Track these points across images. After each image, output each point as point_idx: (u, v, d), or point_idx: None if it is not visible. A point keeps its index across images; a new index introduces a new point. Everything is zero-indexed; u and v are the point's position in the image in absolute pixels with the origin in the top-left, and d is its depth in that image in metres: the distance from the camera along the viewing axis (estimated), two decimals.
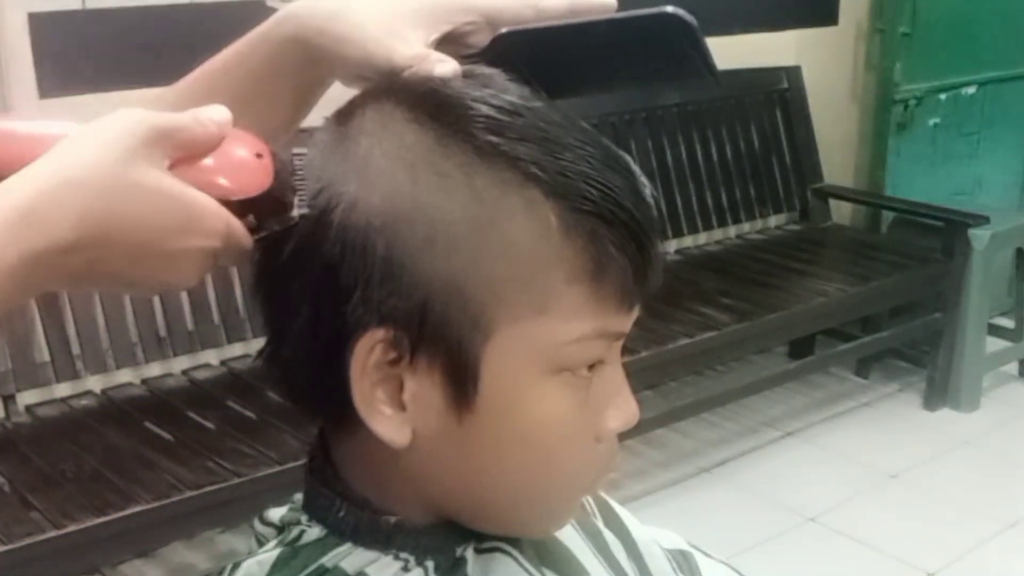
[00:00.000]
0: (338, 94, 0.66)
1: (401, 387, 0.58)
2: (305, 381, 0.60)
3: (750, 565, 0.80)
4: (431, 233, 0.55)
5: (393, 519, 0.62)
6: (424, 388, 0.58)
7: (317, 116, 0.72)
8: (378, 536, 0.61)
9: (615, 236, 0.57)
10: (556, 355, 0.58)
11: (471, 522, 0.63)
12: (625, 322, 0.60)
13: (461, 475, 0.60)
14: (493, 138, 0.57)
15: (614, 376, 0.62)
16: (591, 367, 0.60)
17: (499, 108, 0.58)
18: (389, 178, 0.56)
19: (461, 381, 0.57)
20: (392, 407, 0.58)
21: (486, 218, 0.56)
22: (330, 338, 0.57)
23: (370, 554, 0.61)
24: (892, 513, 3.02)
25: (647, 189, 0.60)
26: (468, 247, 0.56)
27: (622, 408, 0.62)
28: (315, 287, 0.57)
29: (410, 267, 0.55)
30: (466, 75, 0.62)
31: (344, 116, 0.61)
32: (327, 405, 0.61)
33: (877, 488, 3.16)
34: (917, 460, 3.30)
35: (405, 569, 0.61)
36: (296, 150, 0.59)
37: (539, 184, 0.56)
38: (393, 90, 0.61)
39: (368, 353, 0.56)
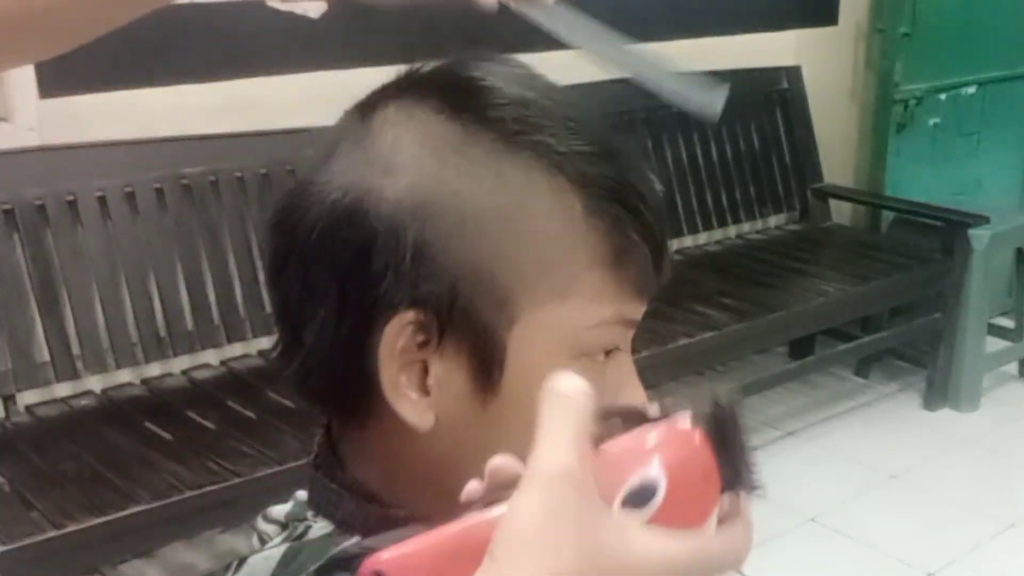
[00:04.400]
0: (335, 94, 0.66)
1: (426, 371, 0.58)
2: (323, 371, 0.61)
3: (750, 565, 0.80)
4: (459, 219, 0.57)
5: (403, 512, 0.62)
6: (450, 372, 0.58)
7: (314, 116, 0.72)
8: (387, 529, 0.61)
9: (636, 223, 0.59)
10: (577, 339, 0.59)
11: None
12: (640, 310, 0.62)
13: (479, 461, 0.60)
14: (519, 126, 0.58)
15: (626, 366, 0.64)
16: (607, 354, 0.61)
17: (524, 97, 0.59)
18: (418, 166, 0.58)
19: (487, 365, 0.58)
20: (417, 391, 0.58)
21: (513, 204, 0.57)
22: (356, 323, 0.58)
23: None
24: (892, 513, 3.02)
25: (654, 182, 0.62)
26: (495, 232, 0.57)
27: (632, 398, 0.63)
28: (343, 273, 0.58)
29: (439, 252, 0.56)
30: (489, 64, 0.63)
31: (366, 109, 0.62)
32: (342, 396, 0.61)
33: (877, 488, 3.16)
34: (917, 460, 3.30)
35: None
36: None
37: (564, 171, 0.58)
38: (415, 83, 0.62)
39: (397, 336, 0.57)
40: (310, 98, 2.41)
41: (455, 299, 0.57)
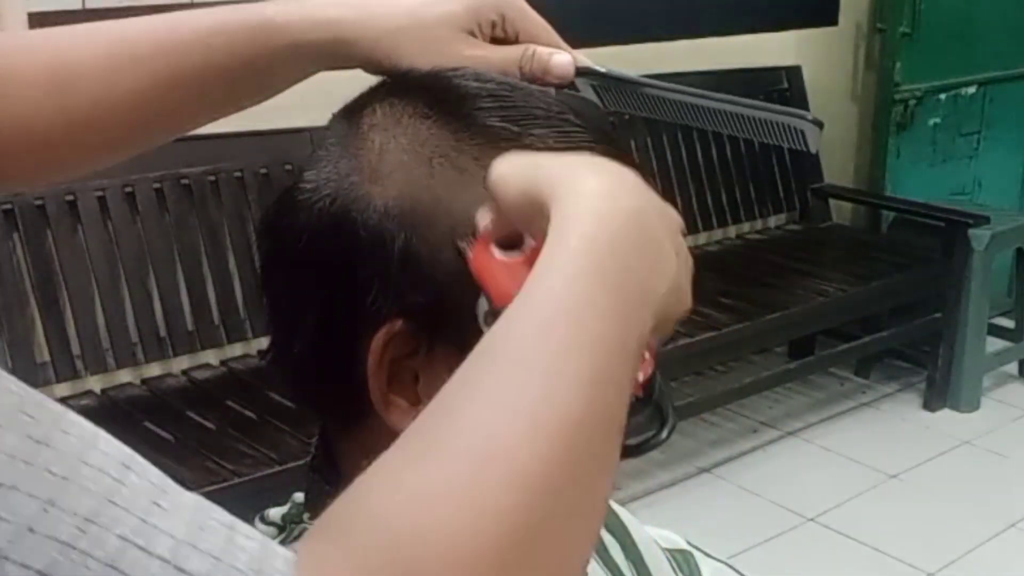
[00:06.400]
0: (335, 94, 0.66)
1: (416, 380, 0.57)
2: (314, 377, 0.60)
3: (750, 565, 0.80)
4: (447, 227, 0.56)
5: None
6: (440, 380, 0.57)
7: (314, 116, 0.72)
8: None
9: None
10: None
11: None
12: None
13: None
14: (507, 131, 0.57)
15: None
16: None
17: (511, 100, 0.59)
18: (406, 173, 0.57)
19: None
20: (406, 400, 0.58)
21: None
22: (344, 332, 0.57)
23: None
24: (892, 513, 3.02)
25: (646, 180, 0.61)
26: None
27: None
28: (331, 281, 0.57)
29: (427, 260, 0.55)
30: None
31: (352, 113, 0.61)
32: (335, 401, 0.61)
33: (877, 488, 3.16)
34: (917, 460, 3.30)
35: None
36: None
37: None
38: (401, 87, 0.61)
39: (385, 346, 0.56)
40: (310, 98, 2.41)
41: (443, 307, 0.56)
